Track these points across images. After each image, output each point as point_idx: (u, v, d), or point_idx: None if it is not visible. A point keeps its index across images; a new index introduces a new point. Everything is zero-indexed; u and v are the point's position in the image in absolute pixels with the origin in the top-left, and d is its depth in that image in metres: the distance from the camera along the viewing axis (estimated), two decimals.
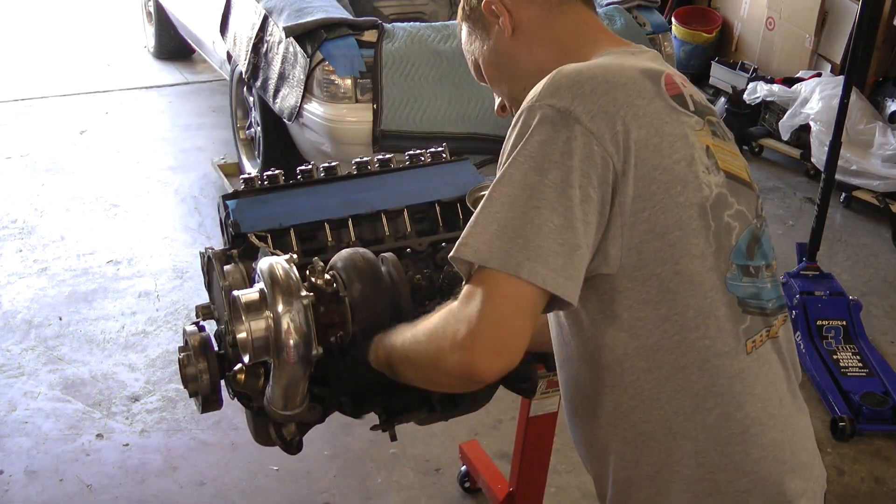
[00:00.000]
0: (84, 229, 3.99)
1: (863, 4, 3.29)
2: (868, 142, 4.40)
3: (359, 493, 2.57)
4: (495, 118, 3.47)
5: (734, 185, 1.20)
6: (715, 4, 5.93)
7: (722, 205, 1.17)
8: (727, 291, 1.16)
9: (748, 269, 1.20)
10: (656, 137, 1.12)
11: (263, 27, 3.75)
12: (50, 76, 5.89)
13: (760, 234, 1.24)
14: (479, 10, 1.32)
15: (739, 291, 1.18)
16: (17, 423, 2.79)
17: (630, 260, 1.12)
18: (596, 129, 1.08)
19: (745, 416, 1.17)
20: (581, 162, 1.07)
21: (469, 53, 1.39)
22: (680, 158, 1.13)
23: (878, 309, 3.60)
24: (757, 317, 1.21)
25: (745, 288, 1.19)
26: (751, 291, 1.20)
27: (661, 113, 1.14)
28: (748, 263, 1.20)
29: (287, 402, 1.33)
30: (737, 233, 1.18)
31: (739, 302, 1.18)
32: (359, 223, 1.76)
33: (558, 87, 1.12)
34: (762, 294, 1.22)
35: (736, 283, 1.18)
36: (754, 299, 1.20)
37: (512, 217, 1.07)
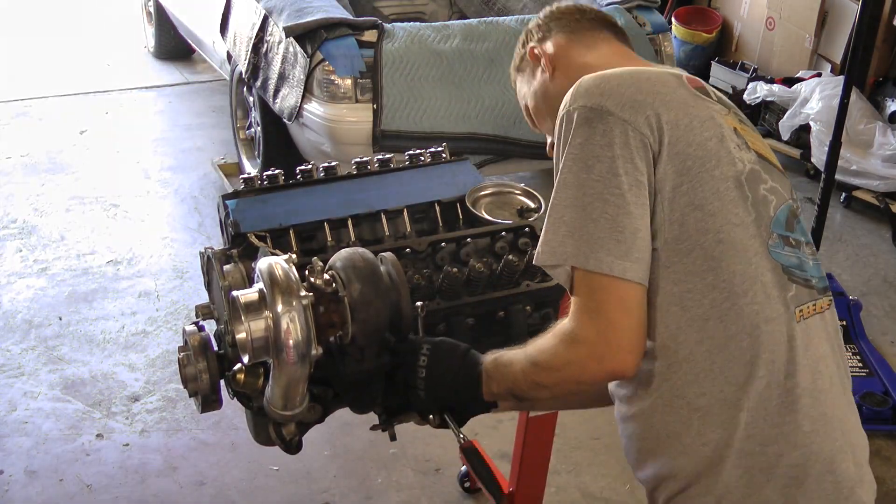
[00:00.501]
0: (84, 229, 4.00)
1: (863, 4, 3.29)
2: (868, 142, 4.40)
3: (359, 493, 2.57)
4: (495, 118, 3.51)
5: (765, 164, 1.26)
6: (715, 4, 5.93)
7: (756, 179, 1.22)
8: (771, 258, 1.20)
9: (789, 239, 1.23)
10: (686, 118, 1.19)
11: (263, 27, 3.75)
12: (50, 76, 5.89)
13: (798, 213, 1.28)
14: (526, 57, 1.49)
15: (783, 259, 1.22)
16: (17, 423, 2.79)
17: (673, 233, 1.17)
18: (628, 116, 1.17)
19: (795, 384, 1.18)
20: (622, 149, 1.16)
21: (521, 100, 1.52)
22: (711, 136, 1.20)
23: (878, 309, 3.60)
24: (802, 287, 1.23)
25: (787, 256, 1.22)
26: (794, 261, 1.23)
27: (686, 98, 1.23)
28: (788, 234, 1.24)
29: (287, 402, 1.33)
30: (774, 205, 1.23)
31: (784, 269, 1.21)
32: (358, 223, 1.76)
33: (586, 89, 1.22)
34: (805, 267, 1.25)
35: (778, 250, 1.21)
36: (798, 269, 1.23)
37: (574, 216, 1.16)
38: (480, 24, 3.66)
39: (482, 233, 1.75)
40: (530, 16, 3.81)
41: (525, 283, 1.66)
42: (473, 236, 1.74)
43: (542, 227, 1.74)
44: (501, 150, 3.59)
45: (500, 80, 3.51)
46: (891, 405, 2.88)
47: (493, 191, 1.85)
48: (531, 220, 1.78)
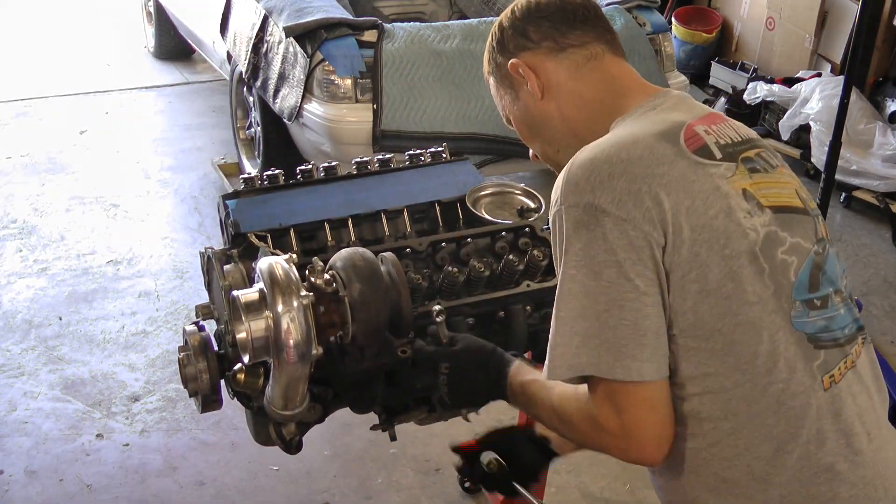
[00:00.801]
0: (84, 229, 4.00)
1: (863, 4, 3.29)
2: (868, 142, 4.40)
3: (359, 493, 2.57)
4: (495, 118, 3.50)
5: (784, 217, 1.18)
6: (715, 4, 5.93)
7: (773, 244, 1.15)
8: (794, 330, 1.14)
9: (813, 302, 1.17)
10: (688, 199, 1.11)
11: (263, 27, 3.75)
12: (50, 76, 5.88)
13: (823, 260, 1.21)
14: (506, 68, 1.31)
15: (808, 328, 1.16)
16: (17, 423, 2.79)
17: (688, 321, 1.11)
18: (626, 214, 1.09)
19: (827, 453, 1.14)
20: (626, 252, 1.09)
21: (499, 106, 1.38)
22: (717, 213, 1.12)
23: (878, 309, 3.60)
24: (832, 349, 1.17)
25: (813, 323, 1.16)
26: (820, 325, 1.17)
27: (685, 173, 1.13)
28: (813, 297, 1.17)
29: (287, 402, 1.33)
30: (795, 268, 1.16)
31: (810, 338, 1.15)
32: (359, 223, 1.76)
33: (576, 182, 1.12)
34: (834, 324, 1.19)
35: (803, 319, 1.15)
36: (825, 332, 1.17)
37: (588, 326, 1.10)
38: (480, 24, 3.66)
39: (482, 233, 1.75)
40: None
41: (525, 283, 1.66)
42: (473, 236, 1.74)
43: (541, 226, 1.75)
44: (501, 150, 3.59)
45: None
46: (891, 405, 2.88)
47: (493, 191, 1.85)
48: (531, 220, 1.78)
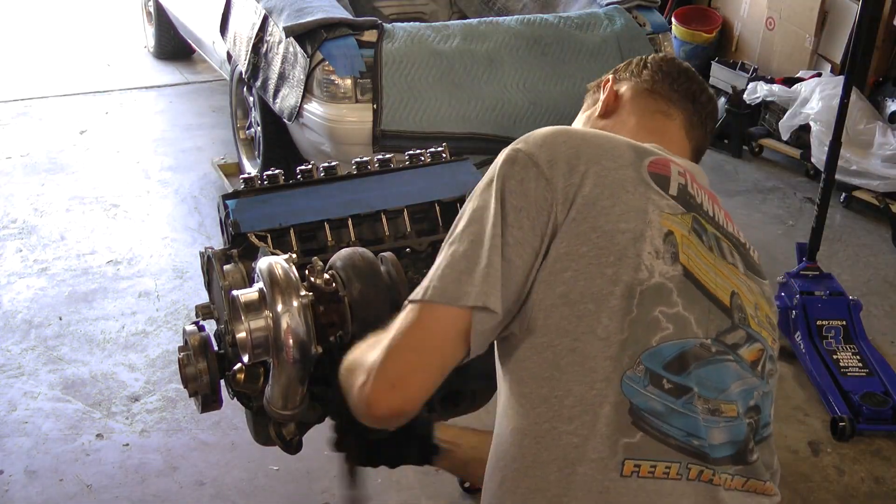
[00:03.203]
0: (84, 229, 3.99)
1: (863, 4, 3.29)
2: (868, 142, 4.40)
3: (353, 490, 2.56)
4: (495, 118, 3.51)
5: (692, 290, 1.07)
6: (715, 4, 5.93)
7: (658, 298, 1.04)
8: (620, 391, 1.02)
9: (662, 381, 1.03)
10: (609, 200, 1.06)
11: (263, 27, 3.75)
12: (50, 76, 5.89)
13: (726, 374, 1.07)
14: (602, 82, 1.45)
15: (637, 399, 1.02)
16: (17, 423, 2.79)
17: (537, 321, 1.04)
18: (550, 174, 1.07)
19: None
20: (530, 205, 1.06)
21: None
22: (627, 229, 1.05)
23: (878, 309, 3.60)
24: (660, 444, 1.03)
25: (647, 399, 1.03)
26: (656, 408, 1.03)
27: (625, 181, 1.08)
28: (667, 376, 1.03)
29: (287, 402, 1.33)
30: (664, 336, 1.04)
31: (633, 410, 1.02)
32: (359, 223, 1.76)
33: (535, 135, 1.13)
34: (685, 425, 1.04)
35: (637, 387, 1.02)
36: (659, 419, 1.03)
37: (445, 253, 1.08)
38: (480, 24, 3.66)
39: None
40: (530, 16, 3.81)
41: None
42: None
43: None
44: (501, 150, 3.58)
45: (501, 80, 3.51)
46: (891, 405, 2.88)
47: None
48: None
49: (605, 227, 1.04)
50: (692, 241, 1.10)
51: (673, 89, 1.36)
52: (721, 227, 1.18)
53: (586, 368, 1.02)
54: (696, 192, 1.16)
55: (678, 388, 1.04)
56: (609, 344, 1.02)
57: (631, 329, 1.03)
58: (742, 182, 4.77)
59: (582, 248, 1.04)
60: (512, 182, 1.08)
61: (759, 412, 1.12)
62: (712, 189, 1.25)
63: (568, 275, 1.03)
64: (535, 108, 3.54)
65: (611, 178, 1.07)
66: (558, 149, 1.09)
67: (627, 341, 1.02)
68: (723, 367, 1.07)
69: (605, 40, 3.69)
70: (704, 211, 1.16)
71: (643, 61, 1.42)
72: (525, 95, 3.53)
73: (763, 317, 1.16)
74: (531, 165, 1.08)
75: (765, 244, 4.06)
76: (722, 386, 1.07)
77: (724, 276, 1.12)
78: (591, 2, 4.05)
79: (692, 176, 1.18)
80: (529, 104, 3.53)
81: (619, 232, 1.04)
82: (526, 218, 1.06)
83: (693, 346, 1.05)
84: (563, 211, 1.05)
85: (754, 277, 1.19)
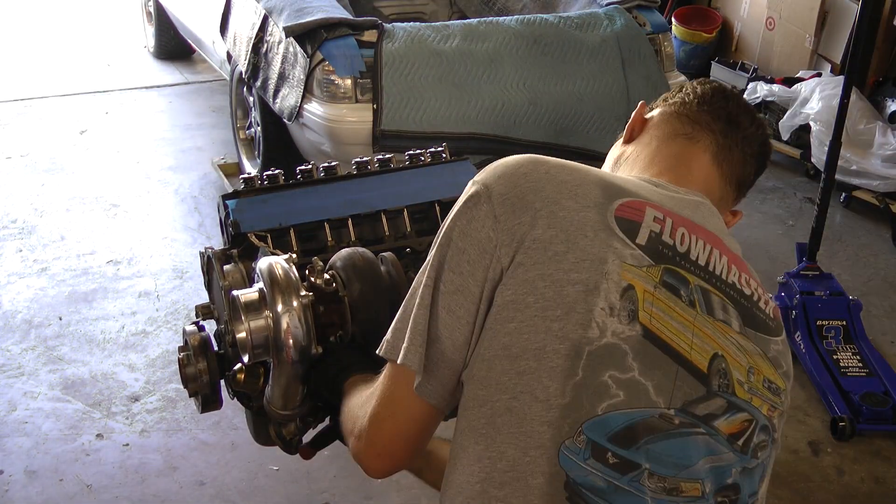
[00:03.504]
0: (84, 229, 3.99)
1: (863, 4, 3.29)
2: (868, 142, 4.40)
3: (359, 493, 2.57)
4: (495, 118, 3.51)
5: (654, 354, 0.95)
6: (715, 4, 5.93)
7: (609, 360, 0.93)
8: (556, 462, 0.92)
9: (606, 455, 0.92)
10: (563, 245, 0.95)
11: (263, 27, 3.75)
12: (50, 76, 5.88)
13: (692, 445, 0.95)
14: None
15: (576, 473, 0.92)
16: (17, 423, 2.79)
17: (480, 372, 0.96)
18: (500, 212, 0.97)
19: None
20: (472, 247, 0.97)
21: None
22: (579, 280, 0.94)
23: (878, 309, 3.60)
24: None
25: (587, 473, 0.92)
26: (596, 483, 0.92)
27: (585, 225, 0.96)
28: (613, 449, 0.93)
29: (287, 402, 1.33)
30: (612, 404, 0.93)
31: (569, 484, 0.92)
32: (359, 223, 1.76)
33: (498, 165, 1.03)
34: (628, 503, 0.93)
35: (575, 459, 0.92)
36: (599, 496, 0.92)
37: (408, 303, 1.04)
38: (480, 24, 3.66)
39: None
40: (530, 16, 3.81)
41: None
42: None
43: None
44: (501, 150, 3.58)
45: (500, 80, 3.51)
46: (891, 405, 2.88)
47: None
48: None
49: (555, 276, 0.94)
50: (659, 297, 0.97)
51: (702, 109, 1.19)
52: (716, 279, 1.03)
53: (522, 432, 0.92)
54: (678, 239, 1.02)
55: (624, 464, 0.93)
56: (549, 407, 0.92)
57: (574, 393, 0.92)
58: None
59: (528, 298, 0.94)
60: (462, 220, 0.99)
61: (737, 491, 0.99)
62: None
63: (513, 326, 0.94)
64: (535, 108, 3.54)
65: (568, 221, 0.96)
66: (517, 182, 0.98)
67: (569, 407, 0.92)
68: (687, 441, 0.96)
69: (605, 40, 3.69)
70: (691, 261, 1.02)
71: (683, 85, 1.28)
72: (525, 95, 3.53)
73: (759, 382, 1.02)
74: (484, 201, 0.98)
75: (765, 244, 4.06)
76: (684, 462, 0.95)
77: (705, 336, 0.99)
78: (591, 2, 4.05)
79: (678, 221, 1.03)
80: (529, 104, 3.53)
81: (570, 283, 0.93)
82: (466, 262, 0.97)
83: (649, 416, 0.94)
84: (508, 254, 0.95)
85: (756, 336, 1.04)
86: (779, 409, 1.05)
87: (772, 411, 1.03)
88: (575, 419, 0.92)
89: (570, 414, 0.92)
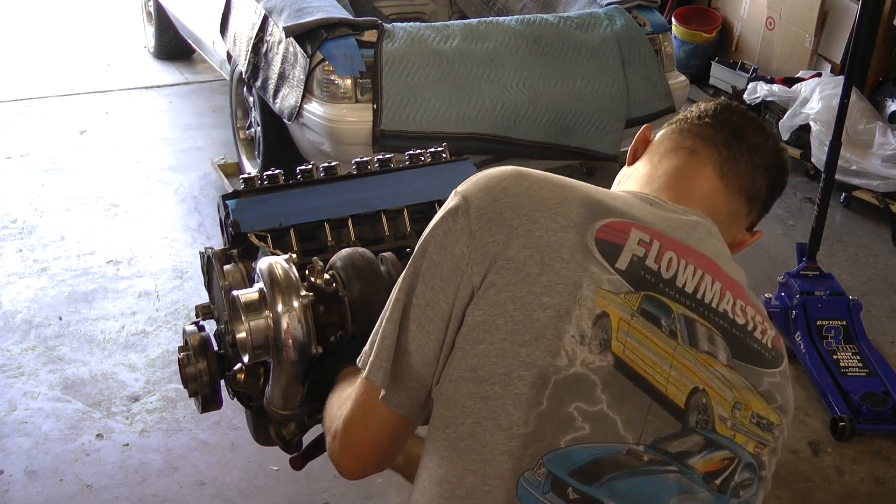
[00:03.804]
0: (84, 229, 3.99)
1: (863, 4, 3.29)
2: (868, 142, 4.40)
3: (359, 493, 2.57)
4: (495, 118, 3.51)
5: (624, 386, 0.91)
6: (715, 4, 5.94)
7: (577, 391, 0.89)
8: (514, 494, 0.89)
9: (567, 489, 0.89)
10: (537, 267, 0.91)
11: (263, 27, 3.75)
12: (50, 76, 5.88)
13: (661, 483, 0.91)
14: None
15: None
16: (17, 423, 2.79)
17: (448, 392, 0.93)
18: (476, 227, 0.94)
19: None
20: (445, 262, 0.95)
21: None
22: (550, 305, 0.90)
23: (878, 309, 3.60)
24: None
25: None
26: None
27: (562, 247, 0.92)
28: (574, 484, 0.89)
29: (286, 402, 1.33)
30: (577, 437, 0.89)
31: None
32: (359, 223, 1.76)
33: (481, 176, 1.00)
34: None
35: (534, 491, 0.89)
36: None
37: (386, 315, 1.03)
38: (480, 24, 3.66)
39: None
40: (530, 16, 3.81)
41: None
42: None
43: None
44: (501, 150, 3.59)
45: (500, 80, 3.51)
46: (891, 405, 2.88)
47: None
48: None
49: (526, 299, 0.90)
50: (636, 326, 0.92)
51: (704, 123, 1.14)
52: (704, 307, 0.97)
53: (482, 459, 0.90)
54: (664, 264, 0.96)
55: (585, 500, 0.88)
56: (511, 436, 0.88)
57: (537, 423, 0.88)
58: None
59: (498, 320, 0.90)
60: (439, 232, 0.96)
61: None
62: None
63: (481, 347, 0.90)
64: (535, 108, 3.54)
65: (545, 241, 0.92)
66: (496, 196, 0.95)
67: (531, 437, 0.88)
68: (656, 479, 0.91)
69: (605, 40, 3.69)
70: (677, 288, 0.96)
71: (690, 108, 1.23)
72: (525, 95, 3.53)
73: (746, 418, 0.97)
74: (462, 214, 0.96)
75: (765, 244, 4.06)
76: (652, 501, 0.91)
77: (684, 369, 0.93)
78: (591, 2, 4.06)
79: (667, 244, 0.98)
80: (529, 104, 3.53)
81: (541, 307, 0.89)
82: (439, 277, 0.94)
83: (616, 452, 0.89)
84: (480, 273, 0.92)
85: (747, 368, 0.99)
86: (769, 446, 0.99)
87: (760, 448, 0.98)
88: (536, 450, 0.88)
89: (531, 444, 0.88)
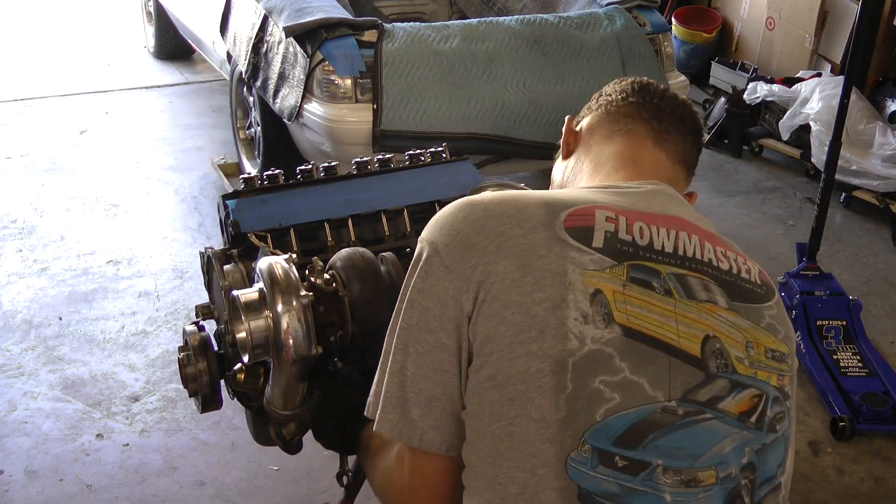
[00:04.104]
0: (84, 229, 3.99)
1: (863, 4, 3.29)
2: (868, 142, 4.40)
3: (359, 494, 2.57)
4: (495, 118, 3.51)
5: (640, 348, 0.95)
6: (715, 4, 5.94)
7: (596, 367, 0.93)
8: (566, 476, 0.92)
9: (614, 459, 0.92)
10: (519, 271, 0.96)
11: (263, 27, 3.75)
12: (50, 76, 5.89)
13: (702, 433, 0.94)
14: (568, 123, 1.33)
15: (586, 482, 0.92)
16: (17, 423, 2.79)
17: (473, 406, 0.97)
18: (450, 261, 0.99)
19: None
20: (435, 303, 0.99)
21: None
22: (544, 298, 0.94)
23: (878, 309, 3.60)
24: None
25: (599, 481, 0.92)
26: (610, 489, 0.92)
27: (536, 245, 0.97)
28: (619, 452, 0.92)
29: (287, 402, 1.33)
30: (610, 407, 0.92)
31: (582, 495, 0.92)
32: (359, 223, 1.76)
33: (438, 217, 1.05)
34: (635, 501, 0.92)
35: (583, 469, 0.92)
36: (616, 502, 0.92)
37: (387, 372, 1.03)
38: (480, 24, 3.66)
39: None
40: (530, 16, 3.81)
41: None
42: None
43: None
44: (501, 150, 3.59)
45: (500, 80, 3.51)
46: (891, 405, 2.88)
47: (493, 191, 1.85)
48: None
49: (520, 301, 0.95)
50: (630, 293, 0.97)
51: (628, 103, 1.25)
52: (689, 261, 1.03)
53: (526, 454, 0.93)
54: (637, 234, 1.02)
55: (634, 465, 0.92)
56: (546, 425, 0.92)
57: (568, 406, 0.92)
58: (742, 182, 4.77)
59: (500, 328, 0.95)
60: (418, 280, 1.02)
61: (753, 470, 0.98)
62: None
63: (494, 357, 0.95)
64: (535, 108, 3.54)
65: (519, 247, 0.97)
66: (458, 228, 1.01)
67: (566, 420, 0.92)
68: (695, 429, 0.95)
69: (604, 40, 3.69)
70: (657, 251, 1.01)
71: (600, 93, 1.33)
72: (525, 95, 3.53)
73: (761, 354, 1.01)
74: (433, 256, 1.01)
75: (765, 244, 4.07)
76: (697, 451, 0.95)
77: (692, 320, 0.98)
78: (591, 2, 4.06)
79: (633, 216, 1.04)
80: (529, 104, 3.53)
81: (536, 303, 0.94)
82: (434, 318, 0.99)
83: (650, 413, 0.93)
84: (469, 299, 0.97)
85: (746, 308, 1.04)
86: (788, 376, 1.04)
87: (781, 380, 1.03)
88: (575, 431, 0.92)
89: (568, 427, 0.92)
